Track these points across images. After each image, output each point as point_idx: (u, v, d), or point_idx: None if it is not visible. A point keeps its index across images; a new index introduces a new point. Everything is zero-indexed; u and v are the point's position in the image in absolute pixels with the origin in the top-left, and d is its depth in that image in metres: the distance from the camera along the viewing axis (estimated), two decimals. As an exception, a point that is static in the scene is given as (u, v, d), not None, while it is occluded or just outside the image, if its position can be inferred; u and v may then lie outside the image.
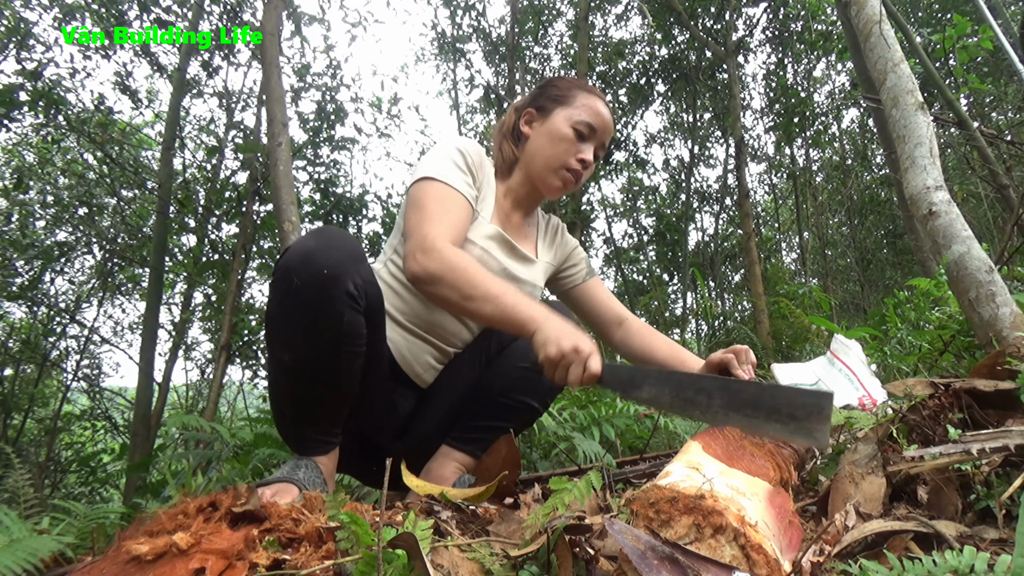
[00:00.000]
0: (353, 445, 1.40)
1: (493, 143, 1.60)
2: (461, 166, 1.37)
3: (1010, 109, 8.14)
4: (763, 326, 7.01)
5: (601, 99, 1.49)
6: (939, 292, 2.05)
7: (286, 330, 1.16)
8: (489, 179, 1.49)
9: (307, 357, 1.15)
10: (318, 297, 1.12)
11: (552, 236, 1.63)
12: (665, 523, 0.61)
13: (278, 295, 1.15)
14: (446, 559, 0.73)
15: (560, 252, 1.63)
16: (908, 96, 1.80)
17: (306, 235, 1.18)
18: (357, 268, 1.16)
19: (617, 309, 1.59)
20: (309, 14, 6.80)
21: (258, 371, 7.52)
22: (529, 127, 1.50)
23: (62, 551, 0.96)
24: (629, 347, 1.53)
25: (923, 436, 1.00)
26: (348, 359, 1.18)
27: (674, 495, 0.63)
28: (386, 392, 1.40)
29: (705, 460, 0.76)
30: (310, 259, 1.12)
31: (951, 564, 0.59)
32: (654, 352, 1.49)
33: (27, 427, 8.26)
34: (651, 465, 1.73)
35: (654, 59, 10.52)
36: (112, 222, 7.77)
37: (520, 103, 1.56)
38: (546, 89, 1.52)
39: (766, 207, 14.35)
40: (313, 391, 1.19)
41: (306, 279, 1.11)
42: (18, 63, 5.63)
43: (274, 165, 3.38)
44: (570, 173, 1.45)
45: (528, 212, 1.57)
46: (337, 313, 1.13)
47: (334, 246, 1.14)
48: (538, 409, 1.46)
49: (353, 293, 1.14)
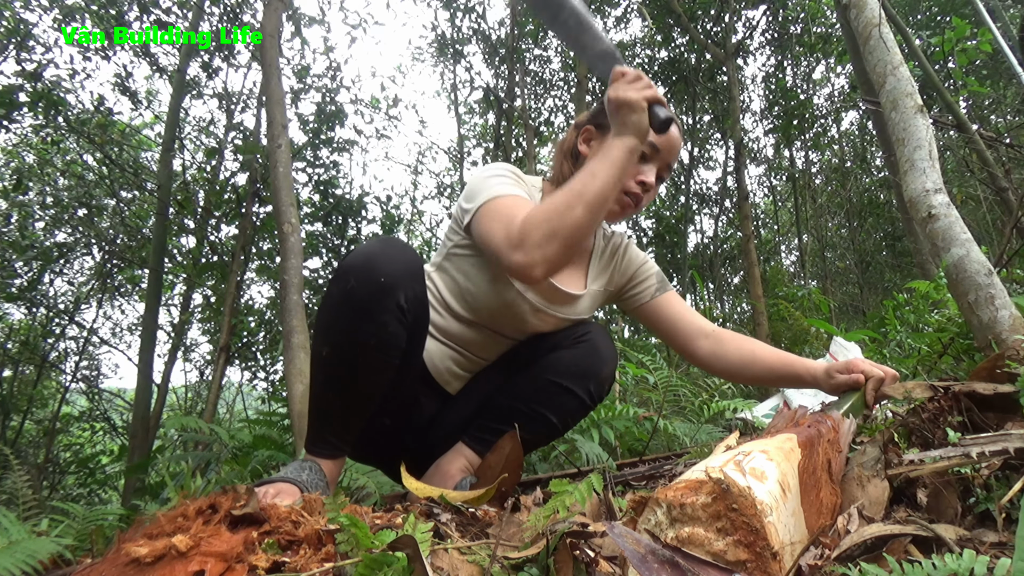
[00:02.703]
0: (376, 438, 1.42)
1: (554, 160, 1.53)
2: (513, 180, 1.33)
3: (1009, 112, 8.15)
4: (762, 328, 7.02)
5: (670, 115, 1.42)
6: (938, 295, 2.05)
7: (331, 325, 1.18)
8: (535, 200, 1.41)
9: (343, 356, 1.17)
10: (369, 302, 1.14)
11: (610, 257, 1.54)
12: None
13: (333, 292, 1.17)
14: (446, 562, 0.73)
15: (619, 273, 1.54)
16: (907, 99, 1.80)
17: (374, 240, 1.20)
18: (412, 283, 1.18)
19: (699, 322, 1.47)
20: (309, 15, 6.82)
21: (257, 373, 7.53)
22: (587, 146, 1.42)
23: (61, 553, 0.96)
24: (724, 357, 1.41)
25: (922, 439, 1.00)
26: (380, 368, 1.19)
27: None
28: (413, 395, 1.42)
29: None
30: (370, 264, 1.14)
31: (950, 567, 0.59)
32: (761, 359, 1.37)
33: (26, 428, 8.26)
34: (651, 467, 1.73)
35: (654, 61, 10.54)
36: (111, 223, 7.78)
37: (581, 119, 1.48)
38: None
39: (765, 209, 14.37)
40: (339, 391, 1.20)
41: (362, 282, 1.13)
42: (18, 64, 5.64)
43: (274, 166, 3.38)
44: (629, 197, 1.36)
45: None
46: (383, 322, 1.15)
47: (396, 257, 1.16)
48: (557, 427, 1.42)
49: (403, 307, 1.16)
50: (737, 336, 1.43)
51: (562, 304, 1.43)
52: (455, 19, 10.31)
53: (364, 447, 1.47)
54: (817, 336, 5.44)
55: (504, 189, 1.29)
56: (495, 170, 1.35)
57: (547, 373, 1.39)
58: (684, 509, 0.63)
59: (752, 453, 0.70)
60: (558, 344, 1.42)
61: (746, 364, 1.39)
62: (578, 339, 1.43)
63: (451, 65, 11.48)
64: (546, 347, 1.39)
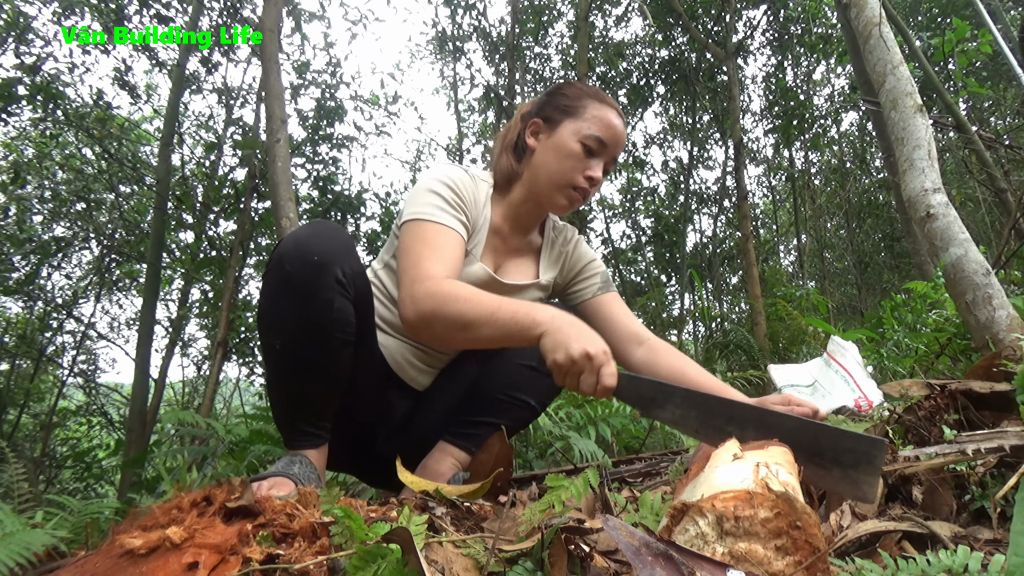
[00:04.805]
0: (352, 443, 1.41)
1: (493, 152, 1.51)
2: (450, 200, 1.30)
3: (1009, 113, 8.15)
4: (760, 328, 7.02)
5: (614, 108, 1.39)
6: (936, 295, 2.05)
7: (277, 316, 1.18)
8: (482, 206, 1.40)
9: (297, 343, 1.17)
10: (308, 283, 1.13)
11: (560, 250, 1.55)
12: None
13: (270, 282, 1.17)
14: (440, 555, 0.73)
15: (568, 267, 1.55)
16: (907, 98, 1.80)
17: (301, 227, 1.20)
18: (347, 258, 1.17)
19: (635, 327, 1.46)
20: (309, 11, 6.81)
21: (254, 368, 7.52)
22: (535, 139, 1.41)
23: (56, 545, 0.96)
24: (655, 367, 1.39)
25: (919, 437, 1.00)
26: (337, 346, 1.19)
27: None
28: (382, 393, 1.41)
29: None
30: (302, 247, 1.14)
31: (945, 563, 0.59)
32: (691, 378, 1.34)
33: (23, 422, 8.24)
34: (647, 464, 1.74)
35: (654, 60, 10.53)
36: (110, 218, 7.77)
37: (526, 111, 1.46)
38: (554, 97, 1.42)
39: (764, 209, 14.37)
40: (303, 379, 1.20)
41: (297, 266, 1.13)
42: (17, 57, 5.61)
43: (272, 162, 3.38)
44: (577, 192, 1.36)
45: (529, 230, 1.49)
46: (327, 300, 1.14)
47: (325, 236, 1.17)
48: (536, 408, 1.45)
49: (342, 280, 1.16)
50: (672, 350, 1.41)
51: (510, 295, 1.41)
52: (455, 16, 10.30)
53: (340, 456, 1.41)
54: (815, 336, 5.44)
55: (433, 214, 1.26)
56: (436, 184, 1.31)
57: (518, 358, 1.41)
58: (740, 523, 0.57)
59: (773, 465, 0.64)
60: None
61: (675, 379, 1.33)
62: None
63: (451, 62, 11.47)
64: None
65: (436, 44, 11.31)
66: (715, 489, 0.60)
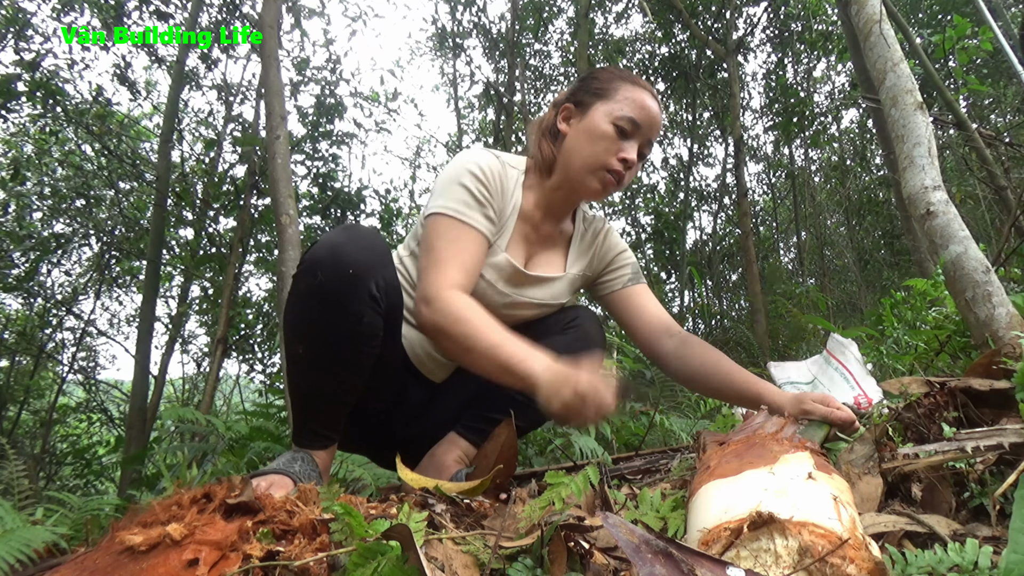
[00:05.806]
0: (365, 428, 1.42)
1: (529, 140, 1.49)
2: (476, 193, 1.28)
3: (1009, 111, 8.14)
4: (760, 325, 7.03)
5: (647, 90, 1.35)
6: (936, 292, 2.05)
7: (304, 323, 1.16)
8: (510, 193, 1.38)
9: (321, 351, 1.16)
10: (341, 295, 1.11)
11: (591, 241, 1.53)
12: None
13: (301, 287, 1.15)
14: (440, 552, 0.73)
15: (598, 257, 1.53)
16: (907, 96, 1.79)
17: (336, 230, 1.18)
18: (382, 270, 1.16)
19: (666, 319, 1.43)
20: (309, 7, 6.79)
21: (254, 365, 7.52)
22: (567, 124, 1.38)
23: (56, 542, 0.96)
24: (687, 359, 1.35)
25: (918, 434, 1.00)
26: (361, 359, 1.19)
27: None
28: (399, 383, 1.41)
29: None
30: (337, 256, 1.11)
31: (953, 559, 0.59)
32: (725, 371, 1.31)
33: (22, 419, 8.24)
34: (646, 462, 1.74)
35: (654, 57, 10.51)
36: (109, 214, 7.76)
37: (559, 98, 1.45)
38: (586, 82, 1.40)
39: (764, 206, 14.36)
40: (321, 385, 1.19)
41: (331, 275, 1.11)
42: (16, 53, 5.61)
43: (272, 158, 3.37)
44: (611, 174, 1.33)
45: (562, 218, 1.47)
46: (357, 313, 1.13)
47: (362, 245, 1.14)
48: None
49: (376, 295, 1.14)
50: (705, 344, 1.38)
51: (536, 286, 1.42)
52: (455, 12, 10.28)
53: (356, 438, 1.47)
54: (815, 333, 5.45)
55: (459, 211, 1.26)
56: (464, 175, 1.29)
57: None
58: (824, 567, 0.53)
59: (848, 506, 0.60)
60: (548, 330, 1.43)
61: (709, 372, 1.32)
62: (567, 325, 1.45)
63: (451, 59, 11.45)
64: (536, 334, 1.38)
65: (436, 41, 11.30)
66: (792, 508, 0.56)
